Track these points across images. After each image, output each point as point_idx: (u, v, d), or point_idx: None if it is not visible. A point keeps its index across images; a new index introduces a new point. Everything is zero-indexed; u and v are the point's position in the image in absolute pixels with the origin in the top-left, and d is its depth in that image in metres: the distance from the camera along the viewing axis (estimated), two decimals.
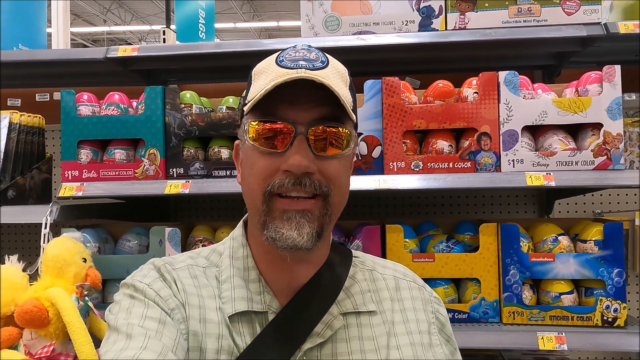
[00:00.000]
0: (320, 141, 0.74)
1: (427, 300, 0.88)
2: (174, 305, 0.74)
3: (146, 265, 0.81)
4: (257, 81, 0.78)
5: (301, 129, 0.73)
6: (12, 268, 1.40)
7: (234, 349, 0.75)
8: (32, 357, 1.30)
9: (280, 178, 0.73)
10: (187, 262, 0.83)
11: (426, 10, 1.68)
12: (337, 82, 0.76)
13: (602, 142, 1.42)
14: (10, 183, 1.72)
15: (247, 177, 0.78)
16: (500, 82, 1.47)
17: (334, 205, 0.76)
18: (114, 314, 0.74)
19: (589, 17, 1.62)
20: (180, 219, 2.20)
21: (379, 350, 0.79)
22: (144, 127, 1.59)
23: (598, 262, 1.42)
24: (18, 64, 1.84)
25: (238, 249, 0.83)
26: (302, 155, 0.72)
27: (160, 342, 0.68)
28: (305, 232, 0.72)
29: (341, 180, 0.77)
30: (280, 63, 0.76)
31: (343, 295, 0.82)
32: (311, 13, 1.73)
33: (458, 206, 2.09)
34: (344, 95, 0.75)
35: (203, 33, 4.29)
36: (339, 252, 0.88)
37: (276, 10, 14.51)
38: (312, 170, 0.73)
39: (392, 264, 0.93)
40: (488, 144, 1.46)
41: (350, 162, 0.83)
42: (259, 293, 0.79)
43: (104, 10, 14.05)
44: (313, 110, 0.74)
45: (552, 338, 1.38)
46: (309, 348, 0.76)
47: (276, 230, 0.73)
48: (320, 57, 0.78)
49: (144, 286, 0.75)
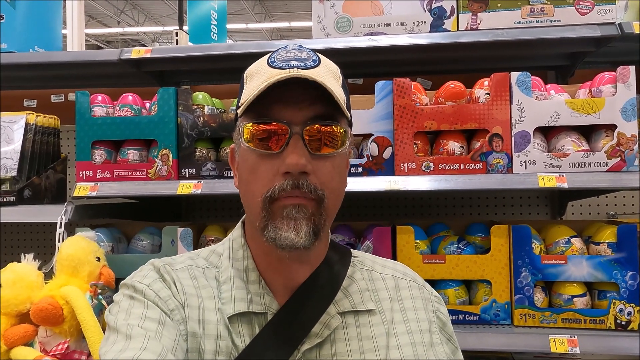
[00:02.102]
0: (315, 140, 0.74)
1: (427, 299, 0.88)
2: (173, 306, 0.74)
3: (146, 266, 0.81)
4: (249, 83, 0.78)
5: (296, 129, 0.73)
6: (28, 266, 1.43)
7: (232, 349, 0.74)
8: (47, 354, 1.32)
9: (280, 182, 0.73)
10: (187, 262, 0.82)
11: (438, 11, 1.68)
12: (330, 80, 0.76)
13: (615, 143, 1.41)
14: (27, 183, 1.75)
15: (245, 182, 0.78)
16: (513, 82, 1.46)
17: (328, 209, 0.76)
18: (114, 315, 0.74)
19: (603, 17, 1.60)
20: (192, 219, 2.22)
21: (378, 350, 0.78)
22: (156, 128, 1.61)
23: (611, 265, 1.41)
24: (34, 66, 1.87)
25: (237, 250, 0.83)
26: (299, 154, 0.72)
27: (159, 343, 0.68)
28: (303, 231, 0.72)
29: (335, 183, 0.77)
30: (272, 64, 0.76)
31: (341, 295, 0.82)
32: (322, 14, 1.73)
33: (470, 207, 2.08)
34: (338, 93, 0.74)
35: (215, 34, 4.32)
36: (338, 251, 0.87)
37: (288, 11, 14.55)
38: (308, 171, 0.73)
39: (392, 264, 0.92)
40: (500, 145, 1.46)
41: (346, 160, 0.83)
42: (258, 294, 0.79)
43: (117, 11, 14.21)
44: (307, 109, 0.74)
45: (565, 341, 1.37)
46: (307, 348, 0.75)
47: (275, 231, 0.73)
48: (311, 56, 0.77)
49: (144, 287, 0.75)
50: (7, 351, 1.34)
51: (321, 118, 0.75)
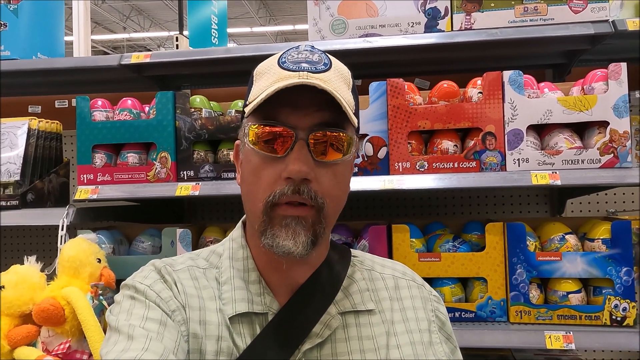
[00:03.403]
0: (320, 147, 0.74)
1: (426, 299, 0.88)
2: (174, 307, 0.75)
3: (147, 267, 0.81)
4: (258, 82, 0.78)
5: (302, 135, 0.73)
6: (31, 268, 1.46)
7: (233, 350, 0.74)
8: (49, 353, 1.35)
9: (281, 186, 0.73)
10: (188, 263, 0.83)
11: (432, 11, 1.69)
12: (340, 86, 0.75)
13: (608, 140, 1.41)
14: (30, 187, 1.78)
15: (247, 183, 0.78)
16: (505, 81, 1.47)
17: (327, 217, 0.76)
18: (115, 315, 0.74)
19: (597, 14, 1.61)
20: (194, 221, 2.24)
21: (378, 350, 0.79)
22: (155, 131, 1.64)
23: (606, 261, 1.41)
24: (37, 72, 1.91)
25: (237, 250, 0.83)
26: (302, 161, 0.72)
27: (161, 343, 0.68)
28: (301, 240, 0.72)
29: (337, 191, 0.77)
30: (283, 65, 0.75)
31: (341, 295, 0.82)
32: (318, 17, 1.75)
33: (469, 206, 2.08)
34: (347, 99, 0.74)
35: (216, 38, 4.35)
36: (338, 251, 0.88)
37: (292, 14, 14.59)
38: (311, 178, 0.73)
39: (391, 263, 0.93)
40: (493, 143, 1.47)
41: (350, 166, 0.83)
42: (259, 294, 0.79)
43: (123, 17, 14.34)
44: (314, 114, 0.73)
45: (560, 337, 1.37)
46: (308, 348, 0.76)
47: (273, 238, 0.73)
48: (323, 59, 0.77)
49: (145, 287, 0.76)
50: (10, 351, 1.37)
51: (327, 125, 0.74)
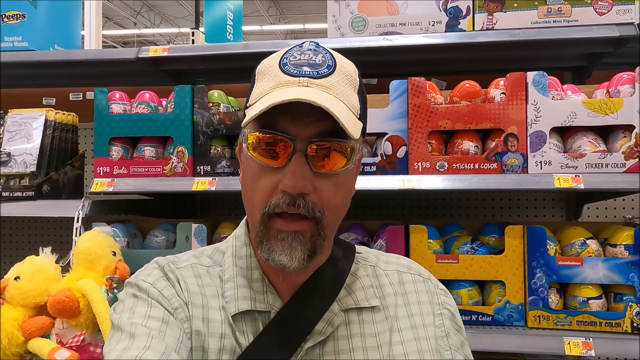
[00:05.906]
0: (319, 157, 0.71)
1: (432, 293, 0.87)
2: (177, 305, 0.74)
3: (150, 264, 0.80)
4: (259, 82, 0.76)
5: (300, 145, 0.70)
6: (46, 260, 1.45)
7: (236, 348, 0.74)
8: (63, 345, 1.34)
9: (277, 198, 0.71)
10: (191, 261, 0.82)
11: (453, 10, 1.67)
12: (344, 90, 0.73)
13: (634, 144, 1.39)
14: (45, 178, 1.78)
15: (247, 188, 0.77)
16: (529, 82, 1.45)
17: (327, 227, 0.74)
18: (118, 313, 0.73)
19: (622, 17, 1.58)
20: (207, 216, 2.24)
21: (381, 347, 0.78)
22: (173, 125, 1.63)
23: (628, 267, 1.39)
24: (54, 64, 1.91)
25: (241, 247, 0.83)
26: (299, 175, 0.70)
27: (163, 341, 0.68)
28: (297, 256, 0.71)
29: (337, 200, 0.75)
30: (284, 67, 0.73)
31: (344, 292, 0.81)
32: (338, 14, 1.74)
33: (484, 209, 2.06)
34: (350, 104, 0.73)
35: (231, 34, 4.36)
36: (342, 247, 0.87)
37: (302, 13, 14.59)
38: (307, 191, 0.71)
39: (396, 258, 0.91)
40: (515, 145, 1.45)
41: (352, 175, 0.80)
42: (262, 292, 0.78)
43: (134, 13, 14.39)
44: (314, 125, 0.71)
45: (579, 344, 1.35)
46: (310, 346, 0.75)
47: (269, 252, 0.72)
48: (327, 60, 0.74)
49: (148, 285, 0.75)
50: (24, 342, 1.36)
51: (327, 135, 0.71)
